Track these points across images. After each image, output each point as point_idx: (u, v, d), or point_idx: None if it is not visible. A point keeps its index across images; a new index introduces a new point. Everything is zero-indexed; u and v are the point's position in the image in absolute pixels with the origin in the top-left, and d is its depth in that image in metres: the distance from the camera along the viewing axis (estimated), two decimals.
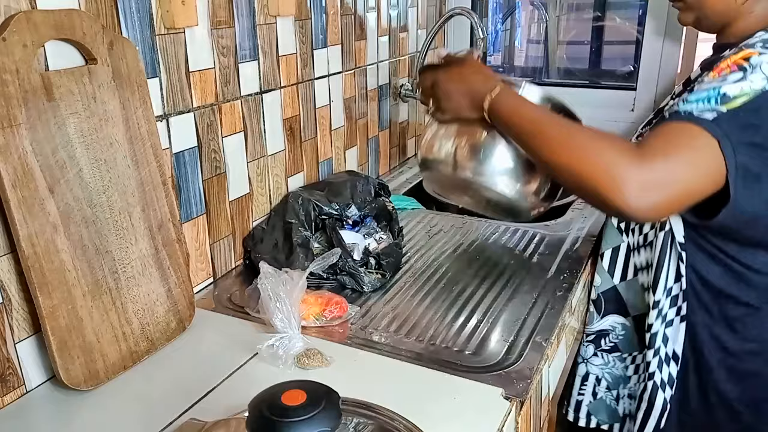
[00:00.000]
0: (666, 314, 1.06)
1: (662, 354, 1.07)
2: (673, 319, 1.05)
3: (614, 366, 1.21)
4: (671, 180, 0.82)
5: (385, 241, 1.27)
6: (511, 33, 2.41)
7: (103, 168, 0.87)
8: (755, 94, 0.83)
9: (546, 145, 0.90)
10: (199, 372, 0.90)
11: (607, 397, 1.23)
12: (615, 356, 1.20)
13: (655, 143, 0.83)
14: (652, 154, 0.81)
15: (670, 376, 1.07)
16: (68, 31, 0.82)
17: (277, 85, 1.27)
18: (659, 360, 1.07)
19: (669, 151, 0.82)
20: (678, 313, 1.04)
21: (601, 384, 1.23)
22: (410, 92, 1.85)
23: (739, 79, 0.84)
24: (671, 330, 1.06)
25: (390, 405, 0.77)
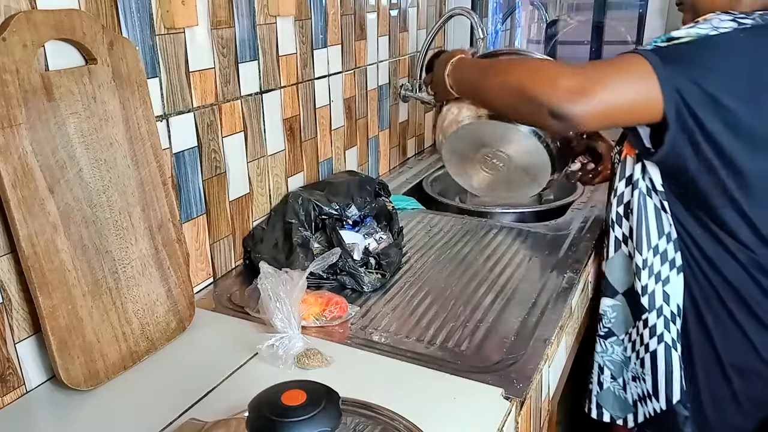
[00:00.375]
0: (659, 272, 1.06)
1: (667, 312, 1.06)
2: (669, 275, 1.05)
3: (613, 352, 1.20)
4: (601, 86, 0.89)
5: (385, 241, 1.27)
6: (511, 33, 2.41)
7: (103, 168, 0.87)
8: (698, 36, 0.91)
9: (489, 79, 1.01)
10: (199, 372, 0.90)
11: (614, 386, 1.21)
12: (612, 341, 1.19)
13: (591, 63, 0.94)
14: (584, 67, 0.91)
15: (678, 333, 1.06)
16: (68, 31, 0.82)
17: (277, 85, 1.27)
18: (665, 319, 1.06)
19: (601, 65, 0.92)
20: (672, 267, 1.05)
21: (604, 373, 1.22)
22: (410, 92, 1.85)
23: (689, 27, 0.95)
24: (669, 287, 1.06)
25: (390, 405, 0.77)
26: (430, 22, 1.98)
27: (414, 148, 2.01)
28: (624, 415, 1.21)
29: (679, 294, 1.06)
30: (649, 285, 1.07)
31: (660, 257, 1.06)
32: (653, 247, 1.06)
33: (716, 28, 0.92)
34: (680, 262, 1.05)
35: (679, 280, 1.05)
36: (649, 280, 1.07)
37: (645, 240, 1.06)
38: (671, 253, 1.05)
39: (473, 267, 1.22)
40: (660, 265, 1.06)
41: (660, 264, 1.06)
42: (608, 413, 1.23)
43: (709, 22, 0.94)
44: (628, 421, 1.21)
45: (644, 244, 1.07)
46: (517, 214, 1.59)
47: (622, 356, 1.19)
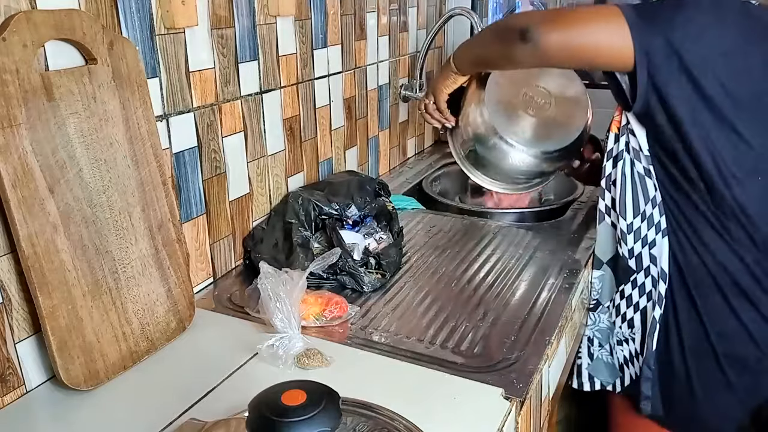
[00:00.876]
0: (646, 236, 1.09)
1: (654, 272, 1.10)
2: (654, 238, 1.08)
3: (600, 321, 1.24)
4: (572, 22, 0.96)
5: (385, 241, 1.27)
6: None
7: (103, 168, 0.87)
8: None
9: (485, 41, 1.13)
10: (199, 372, 0.90)
11: (602, 354, 1.25)
12: (599, 312, 1.23)
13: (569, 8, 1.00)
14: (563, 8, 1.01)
15: (660, 294, 1.09)
16: (68, 31, 0.82)
17: (277, 85, 1.27)
18: (652, 279, 1.10)
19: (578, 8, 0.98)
20: (657, 231, 1.08)
21: (594, 343, 1.26)
22: (410, 92, 1.85)
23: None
24: (656, 249, 1.09)
25: (390, 405, 0.77)
26: (430, 22, 1.98)
27: (414, 148, 2.01)
28: (612, 380, 1.25)
29: (665, 257, 1.08)
30: (635, 248, 1.11)
31: (647, 222, 1.09)
32: (641, 212, 1.09)
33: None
34: (665, 225, 1.07)
35: (664, 243, 1.08)
36: (635, 244, 1.11)
37: (631, 205, 1.10)
38: (656, 217, 1.08)
39: (473, 267, 1.23)
40: (647, 229, 1.09)
41: (647, 228, 1.09)
42: (599, 381, 1.26)
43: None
44: (616, 386, 1.24)
45: (630, 210, 1.10)
46: (517, 214, 1.59)
47: (608, 323, 1.23)
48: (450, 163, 1.90)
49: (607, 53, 0.96)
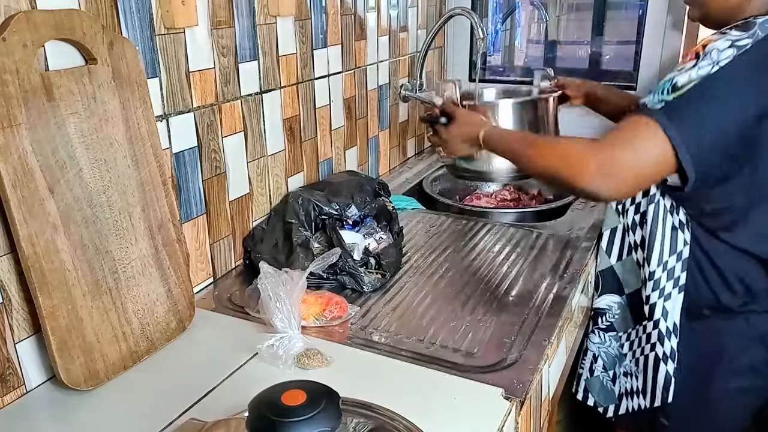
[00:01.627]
0: (664, 287, 1.10)
1: (662, 327, 1.11)
2: (671, 292, 1.09)
3: (610, 345, 1.24)
4: (621, 165, 0.94)
5: (385, 241, 1.27)
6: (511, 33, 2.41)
7: (103, 168, 0.87)
8: (699, 80, 0.92)
9: (525, 158, 1.08)
10: (199, 372, 0.90)
11: (603, 377, 1.26)
12: (611, 335, 1.24)
13: (610, 135, 0.96)
14: (604, 144, 0.95)
15: (672, 349, 1.10)
16: (68, 31, 0.82)
17: (277, 85, 1.27)
18: (659, 333, 1.11)
19: (618, 141, 0.95)
20: (675, 285, 1.09)
21: (597, 362, 1.27)
22: (410, 92, 1.85)
23: (691, 68, 0.94)
24: (669, 303, 1.10)
25: (390, 405, 0.77)
26: (430, 22, 1.98)
27: (414, 148, 2.01)
28: (606, 405, 1.27)
29: (677, 311, 1.10)
30: (652, 297, 1.12)
31: (667, 273, 1.10)
32: (663, 262, 1.10)
33: (716, 63, 0.92)
34: (683, 281, 1.08)
35: (679, 298, 1.09)
36: (652, 293, 1.11)
37: (657, 254, 1.10)
38: (677, 272, 1.09)
39: (473, 267, 1.23)
40: (665, 280, 1.10)
41: (666, 280, 1.10)
42: (593, 398, 1.29)
43: (708, 56, 0.93)
44: (608, 411, 1.26)
45: (655, 258, 1.10)
46: (517, 214, 1.59)
47: (617, 351, 1.24)
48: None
49: (662, 169, 0.96)
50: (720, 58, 0.92)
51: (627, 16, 2.07)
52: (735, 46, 0.92)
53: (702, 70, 0.92)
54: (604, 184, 0.94)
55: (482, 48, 1.66)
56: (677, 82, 0.94)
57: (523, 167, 1.12)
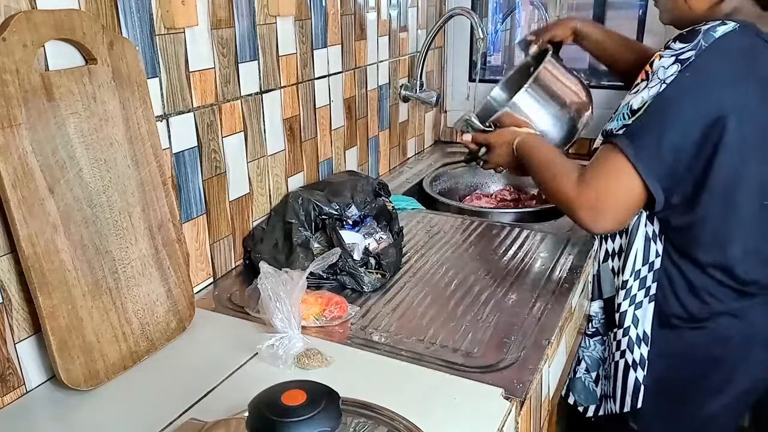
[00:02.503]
0: (635, 295, 1.13)
1: (632, 334, 1.13)
2: (642, 301, 1.12)
3: (594, 349, 1.26)
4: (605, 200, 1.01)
5: (385, 241, 1.27)
6: (511, 33, 2.41)
7: (103, 168, 0.87)
8: (650, 100, 0.95)
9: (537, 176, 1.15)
10: (199, 372, 0.90)
11: (586, 378, 1.28)
12: (596, 340, 1.26)
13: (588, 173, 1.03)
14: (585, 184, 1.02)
15: (641, 357, 1.12)
16: (68, 31, 0.82)
17: (277, 85, 1.27)
18: (629, 340, 1.14)
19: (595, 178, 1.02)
20: (646, 294, 1.11)
21: (580, 365, 1.29)
22: (410, 92, 1.85)
23: (642, 89, 0.98)
24: (640, 311, 1.12)
25: (390, 405, 0.77)
26: (430, 22, 1.98)
27: (414, 148, 2.01)
28: (587, 405, 1.29)
29: (648, 320, 1.12)
30: (623, 305, 1.14)
31: (639, 282, 1.12)
32: (636, 271, 1.13)
33: (663, 82, 0.95)
34: (654, 291, 1.11)
35: (649, 308, 1.12)
36: (624, 301, 1.14)
37: (631, 263, 1.13)
38: (648, 281, 1.11)
39: (473, 267, 1.22)
40: (637, 289, 1.13)
41: (637, 288, 1.13)
42: (573, 398, 1.31)
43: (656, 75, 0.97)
44: (589, 411, 1.29)
45: (629, 267, 1.13)
46: (517, 214, 1.59)
47: (601, 354, 1.26)
48: (450, 163, 1.90)
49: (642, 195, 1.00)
50: (666, 76, 0.95)
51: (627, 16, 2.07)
52: (679, 61, 0.94)
53: (652, 90, 0.96)
54: (595, 221, 1.02)
55: (482, 48, 1.66)
56: (632, 105, 0.98)
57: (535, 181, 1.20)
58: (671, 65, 0.95)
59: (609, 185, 1.00)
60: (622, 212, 1.02)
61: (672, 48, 0.97)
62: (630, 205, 1.02)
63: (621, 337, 1.16)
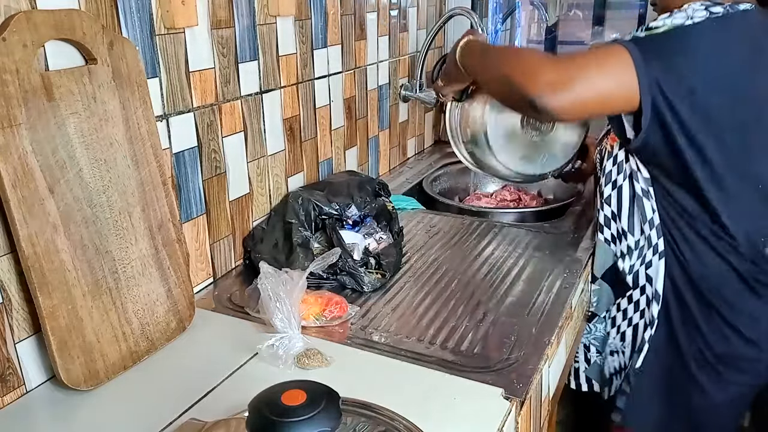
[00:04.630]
0: (644, 255, 1.12)
1: (649, 292, 1.13)
2: (652, 259, 1.11)
3: (596, 331, 1.26)
4: (579, 79, 0.90)
5: (385, 241, 1.27)
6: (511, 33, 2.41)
7: (103, 168, 0.87)
8: (673, 26, 0.95)
9: (484, 66, 1.05)
10: (199, 372, 0.90)
11: (599, 359, 1.28)
12: (595, 321, 1.25)
13: (577, 53, 0.94)
14: (565, 59, 0.93)
15: (652, 316, 1.12)
16: (68, 31, 0.82)
17: (277, 85, 1.27)
18: (647, 298, 1.13)
19: (581, 58, 0.93)
20: (655, 252, 1.10)
21: (591, 350, 1.28)
22: (410, 92, 1.85)
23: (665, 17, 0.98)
24: (652, 270, 1.11)
25: (390, 405, 0.77)
26: (430, 22, 1.98)
27: (414, 148, 2.01)
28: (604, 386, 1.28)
29: (660, 278, 1.11)
30: (635, 265, 1.13)
31: (647, 242, 1.11)
32: (641, 230, 1.11)
33: (690, 18, 0.96)
34: (662, 248, 1.09)
35: (660, 264, 1.10)
36: (635, 261, 1.13)
37: (637, 224, 1.11)
38: (654, 239, 1.10)
39: (473, 267, 1.22)
40: (647, 248, 1.11)
41: (647, 248, 1.11)
42: (597, 383, 1.30)
43: (683, 11, 0.97)
44: (604, 392, 1.28)
45: (636, 228, 1.12)
46: (517, 214, 1.59)
47: (603, 333, 1.25)
48: (450, 163, 1.90)
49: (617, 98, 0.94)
50: (694, 15, 0.96)
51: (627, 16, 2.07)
52: (708, 11, 0.97)
53: (676, 20, 0.96)
54: (553, 98, 0.90)
55: None
56: (651, 25, 0.97)
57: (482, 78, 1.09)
58: (700, 10, 0.97)
59: (599, 66, 0.92)
60: (589, 101, 0.92)
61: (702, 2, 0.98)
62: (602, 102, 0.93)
63: (639, 296, 1.14)
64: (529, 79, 0.91)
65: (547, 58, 0.94)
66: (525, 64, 0.94)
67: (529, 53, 0.99)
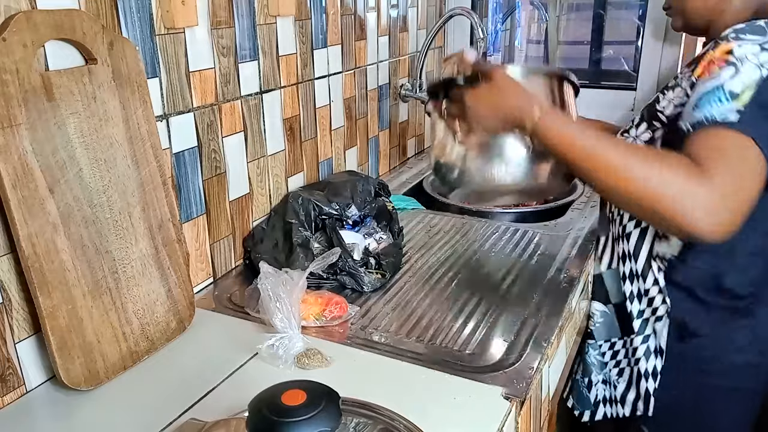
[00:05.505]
0: (657, 308, 1.09)
1: (651, 344, 1.10)
2: (662, 316, 1.08)
3: (587, 353, 1.23)
4: (735, 196, 0.80)
5: (385, 241, 1.27)
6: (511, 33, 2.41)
7: (103, 168, 0.87)
8: (757, 84, 0.84)
9: (602, 172, 0.85)
10: (199, 372, 0.90)
11: (580, 382, 1.26)
12: (590, 343, 1.23)
13: (708, 161, 0.80)
14: (711, 174, 0.79)
15: (654, 368, 1.10)
16: (68, 31, 0.82)
17: (277, 85, 1.27)
18: (646, 349, 1.11)
19: (724, 167, 0.80)
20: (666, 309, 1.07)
21: (579, 366, 1.27)
22: (410, 92, 1.85)
23: (734, 75, 0.85)
24: (660, 324, 1.09)
25: (390, 405, 0.76)
26: (430, 22, 1.98)
27: (414, 148, 2.01)
28: (582, 410, 1.26)
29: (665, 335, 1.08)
30: (645, 313, 1.11)
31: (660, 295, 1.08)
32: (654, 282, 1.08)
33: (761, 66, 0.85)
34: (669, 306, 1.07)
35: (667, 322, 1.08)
36: (645, 309, 1.11)
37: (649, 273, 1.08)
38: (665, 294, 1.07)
39: (473, 267, 1.22)
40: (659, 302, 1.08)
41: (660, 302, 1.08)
42: (572, 401, 1.29)
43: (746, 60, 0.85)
44: (584, 415, 1.26)
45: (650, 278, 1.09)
46: (517, 214, 1.59)
47: (595, 360, 1.22)
48: None
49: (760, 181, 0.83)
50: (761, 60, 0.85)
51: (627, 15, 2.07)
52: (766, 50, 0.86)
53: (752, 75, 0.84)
54: (716, 225, 0.79)
55: (482, 48, 1.66)
56: (732, 90, 0.84)
57: (595, 181, 0.87)
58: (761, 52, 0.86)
59: (739, 171, 0.80)
60: (747, 206, 0.81)
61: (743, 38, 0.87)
62: (754, 197, 0.82)
63: (639, 344, 1.11)
64: (685, 215, 0.79)
65: (690, 176, 0.79)
66: (670, 191, 0.80)
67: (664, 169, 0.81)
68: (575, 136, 0.87)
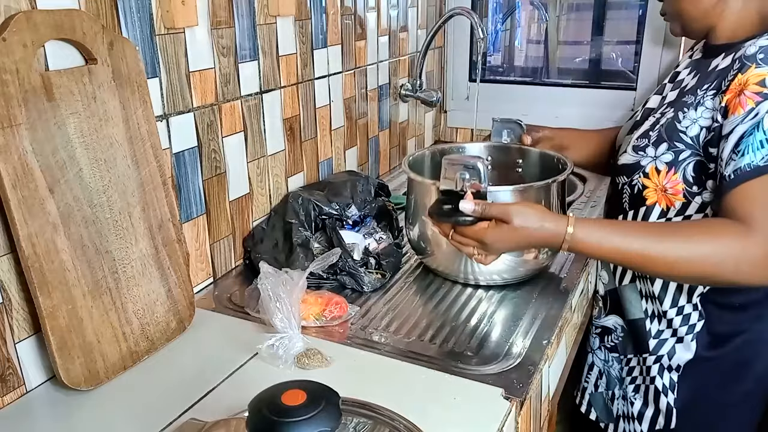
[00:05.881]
0: (677, 330, 1.07)
1: (665, 362, 1.09)
2: (684, 337, 1.06)
3: (612, 366, 1.22)
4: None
5: (385, 241, 1.27)
6: (511, 33, 2.41)
7: (103, 168, 0.87)
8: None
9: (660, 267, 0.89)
10: (199, 372, 0.90)
11: (605, 394, 1.25)
12: (614, 356, 1.21)
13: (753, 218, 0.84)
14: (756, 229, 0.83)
15: (671, 381, 1.08)
16: (68, 31, 0.82)
17: (277, 85, 1.27)
18: (660, 367, 1.09)
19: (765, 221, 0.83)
20: (690, 331, 1.05)
21: (602, 378, 1.25)
22: (410, 92, 1.85)
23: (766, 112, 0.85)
24: (681, 345, 1.07)
25: (390, 405, 0.77)
26: (430, 22, 1.98)
27: (414, 148, 2.01)
28: (607, 422, 1.25)
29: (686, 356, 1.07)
30: (663, 333, 1.09)
31: (682, 318, 1.06)
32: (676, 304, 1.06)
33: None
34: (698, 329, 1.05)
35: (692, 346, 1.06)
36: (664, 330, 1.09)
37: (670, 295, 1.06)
38: (693, 319, 1.05)
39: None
40: (679, 324, 1.07)
41: (679, 324, 1.07)
42: (595, 413, 1.27)
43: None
44: (608, 428, 1.24)
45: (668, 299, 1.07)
46: None
47: (617, 373, 1.21)
48: None
49: None
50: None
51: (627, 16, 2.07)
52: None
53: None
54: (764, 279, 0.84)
55: (482, 48, 1.66)
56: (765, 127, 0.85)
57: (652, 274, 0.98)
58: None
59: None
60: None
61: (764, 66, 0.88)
62: None
63: (652, 363, 1.10)
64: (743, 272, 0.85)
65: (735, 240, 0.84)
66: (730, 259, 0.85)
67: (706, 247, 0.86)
68: (618, 243, 0.88)
